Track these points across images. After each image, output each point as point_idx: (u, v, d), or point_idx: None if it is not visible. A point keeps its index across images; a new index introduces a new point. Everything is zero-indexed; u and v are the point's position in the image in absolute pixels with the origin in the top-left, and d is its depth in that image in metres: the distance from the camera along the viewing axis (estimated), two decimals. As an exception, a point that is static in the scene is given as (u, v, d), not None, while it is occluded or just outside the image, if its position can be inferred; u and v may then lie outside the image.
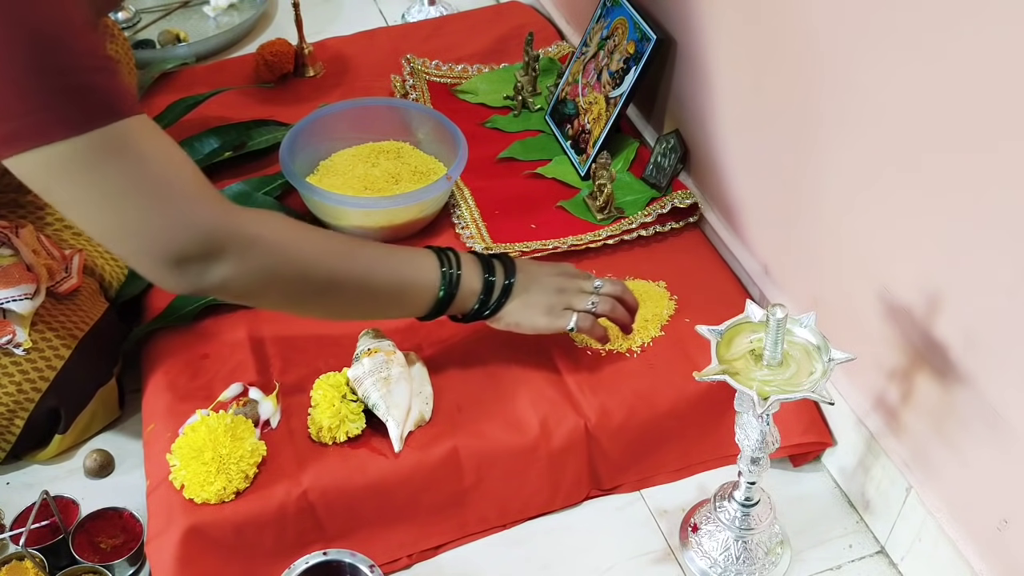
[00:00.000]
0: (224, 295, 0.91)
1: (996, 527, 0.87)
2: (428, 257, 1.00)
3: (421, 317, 1.01)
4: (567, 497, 1.05)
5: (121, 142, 0.81)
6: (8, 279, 1.04)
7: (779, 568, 0.99)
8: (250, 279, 0.89)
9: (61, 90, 0.78)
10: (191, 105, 1.41)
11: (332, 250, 0.95)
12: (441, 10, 1.74)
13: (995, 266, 0.81)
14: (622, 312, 1.06)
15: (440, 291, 0.99)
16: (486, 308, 1.02)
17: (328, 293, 0.95)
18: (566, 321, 1.03)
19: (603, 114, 1.30)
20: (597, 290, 1.05)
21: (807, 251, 1.08)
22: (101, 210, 0.83)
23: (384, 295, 0.98)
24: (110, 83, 0.82)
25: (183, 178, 0.86)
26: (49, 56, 0.77)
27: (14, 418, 1.06)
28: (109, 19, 1.37)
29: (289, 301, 0.96)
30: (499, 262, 1.03)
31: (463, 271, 1.00)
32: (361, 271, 0.96)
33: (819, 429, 1.07)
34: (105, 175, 0.81)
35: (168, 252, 0.84)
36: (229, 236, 0.86)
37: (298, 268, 0.92)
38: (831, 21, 0.94)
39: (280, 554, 0.97)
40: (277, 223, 0.92)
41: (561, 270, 1.06)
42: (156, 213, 0.83)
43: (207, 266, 0.86)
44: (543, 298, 1.03)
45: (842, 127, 0.96)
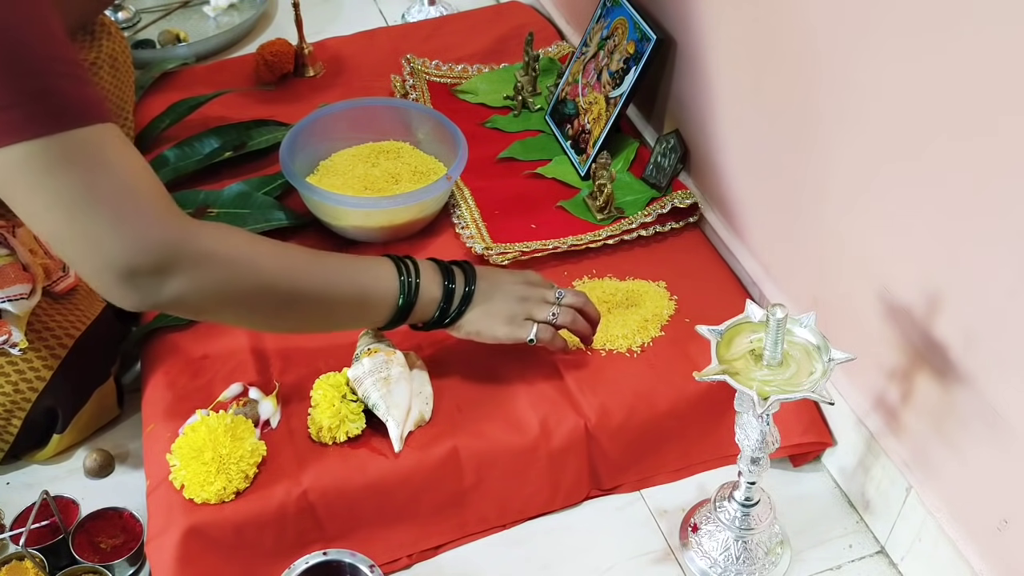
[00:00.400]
0: (179, 311, 0.89)
1: (996, 527, 0.87)
2: (386, 266, 0.99)
3: (382, 327, 1.01)
4: (567, 497, 1.05)
5: (82, 149, 0.80)
6: (4, 279, 1.04)
7: (779, 568, 0.99)
8: (205, 294, 0.87)
9: (25, 92, 0.78)
10: (193, 106, 1.41)
11: (289, 264, 0.93)
12: (441, 10, 1.74)
13: (995, 266, 0.81)
14: (583, 324, 1.05)
15: (399, 300, 0.98)
16: (446, 316, 1.01)
17: (286, 307, 0.94)
18: (526, 332, 1.02)
19: (603, 114, 1.30)
20: (559, 300, 1.05)
21: (807, 251, 1.08)
22: (56, 216, 0.81)
23: (343, 307, 0.98)
24: (77, 89, 0.81)
25: (142, 190, 0.84)
26: (14, 58, 0.77)
27: (11, 418, 1.06)
28: (107, 17, 1.37)
29: (247, 316, 0.94)
30: (459, 269, 1.02)
31: (422, 279, 0.99)
32: (319, 284, 0.95)
33: (819, 429, 1.07)
34: (63, 181, 0.80)
35: (121, 264, 0.82)
36: (183, 251, 0.84)
37: (254, 283, 0.90)
38: (830, 21, 0.94)
39: (280, 554, 0.97)
40: (233, 238, 0.90)
41: (524, 278, 1.06)
42: (111, 223, 0.81)
43: (161, 281, 0.84)
44: (504, 307, 1.02)
45: (842, 127, 0.96)
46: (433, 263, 1.02)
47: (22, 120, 0.78)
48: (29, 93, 0.78)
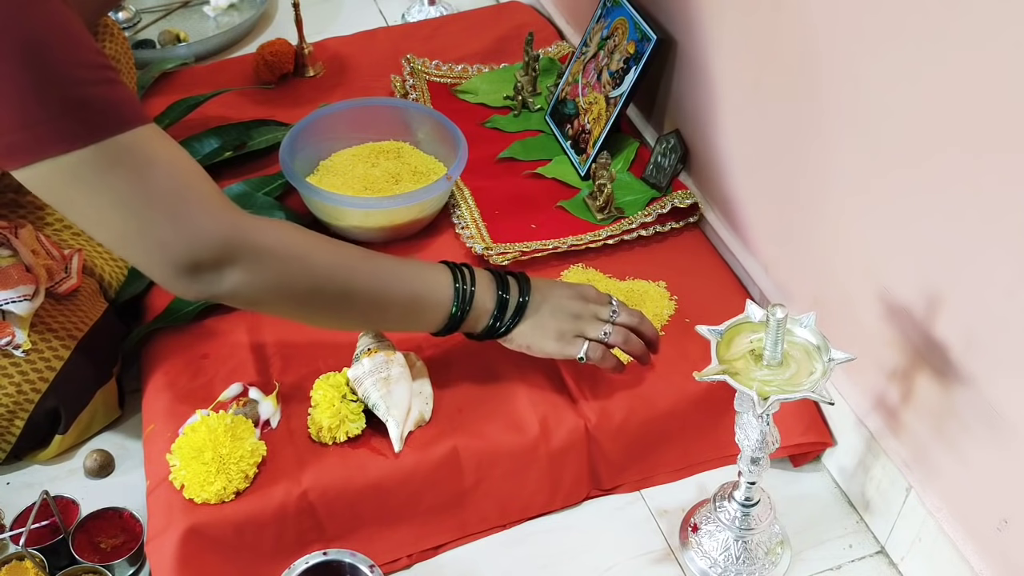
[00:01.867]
0: (235, 302, 0.92)
1: (996, 527, 0.87)
2: (442, 272, 0.99)
3: (435, 333, 1.01)
4: (567, 497, 1.06)
5: (130, 152, 0.82)
6: (7, 280, 1.04)
7: (779, 568, 0.99)
8: (261, 288, 0.89)
9: (66, 101, 0.79)
10: (192, 106, 1.41)
11: (344, 262, 0.94)
12: (441, 10, 1.74)
13: (995, 266, 0.81)
14: (636, 343, 1.03)
15: (453, 308, 0.98)
16: (499, 327, 1.00)
17: (339, 305, 0.95)
18: (577, 349, 1.01)
19: (603, 114, 1.30)
20: (612, 318, 1.02)
21: (807, 251, 1.08)
22: (111, 219, 0.84)
23: (395, 309, 0.98)
24: (115, 94, 0.82)
25: (195, 186, 0.86)
26: (51, 68, 0.78)
27: (14, 419, 1.06)
28: (109, 19, 1.37)
29: (299, 311, 0.95)
30: (514, 280, 1.01)
31: (477, 288, 0.98)
32: (373, 284, 0.95)
33: (819, 429, 1.07)
34: (114, 185, 0.82)
35: (181, 260, 0.85)
36: (242, 245, 0.87)
37: (309, 279, 0.92)
38: (831, 21, 0.94)
39: (280, 554, 0.97)
40: (290, 233, 0.92)
41: (578, 292, 1.03)
42: (169, 221, 0.84)
43: (220, 274, 0.86)
44: (555, 322, 1.01)
45: (842, 127, 0.96)
46: (488, 272, 1.01)
47: (65, 131, 0.79)
48: (68, 103, 0.79)
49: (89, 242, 1.19)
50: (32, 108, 0.78)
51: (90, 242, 1.19)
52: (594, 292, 1.05)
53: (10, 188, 1.17)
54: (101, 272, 1.18)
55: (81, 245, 1.18)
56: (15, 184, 1.17)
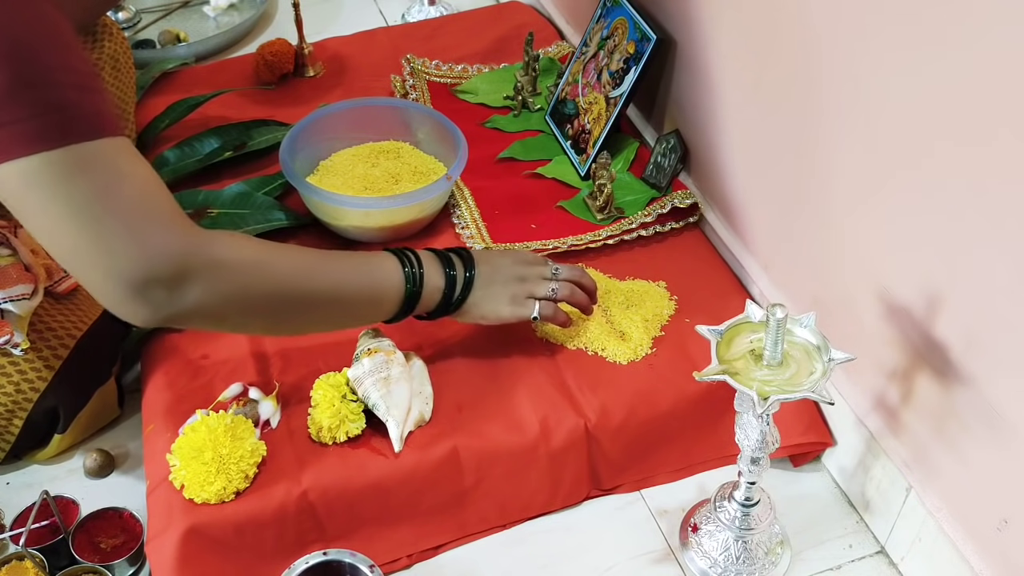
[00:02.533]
0: (191, 322, 0.89)
1: (996, 527, 0.87)
2: (389, 259, 1.00)
3: (389, 319, 1.02)
4: (567, 497, 1.06)
5: (94, 162, 0.80)
6: (6, 279, 1.04)
7: (779, 568, 0.99)
8: (219, 302, 0.87)
9: (39, 104, 0.77)
10: (192, 106, 1.41)
11: (300, 266, 0.94)
12: (441, 10, 1.74)
13: (995, 266, 0.81)
14: (581, 295, 1.08)
15: (406, 291, 0.99)
16: (450, 303, 1.02)
17: (300, 309, 0.95)
18: (529, 310, 1.05)
19: (603, 114, 1.30)
20: (555, 275, 1.07)
21: (807, 251, 1.08)
22: (66, 229, 0.81)
23: (355, 304, 0.99)
24: (89, 101, 0.81)
25: (154, 202, 0.84)
26: (26, 69, 0.77)
27: (13, 418, 1.06)
28: (109, 19, 1.37)
29: (262, 320, 0.95)
30: (456, 256, 1.04)
31: (425, 268, 1.00)
32: (331, 283, 0.96)
33: (819, 429, 1.07)
34: (74, 193, 0.79)
35: (134, 276, 0.81)
36: (196, 260, 0.84)
37: (269, 285, 0.91)
38: (830, 21, 0.94)
39: (280, 554, 0.97)
40: (243, 245, 0.91)
41: (519, 258, 1.08)
42: (123, 235, 0.81)
43: (174, 292, 0.84)
44: (505, 288, 1.04)
45: (843, 127, 0.96)
46: (431, 252, 1.03)
47: (35, 132, 0.77)
48: (43, 105, 0.78)
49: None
50: (9, 107, 0.77)
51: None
52: (531, 255, 1.10)
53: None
54: (101, 272, 1.18)
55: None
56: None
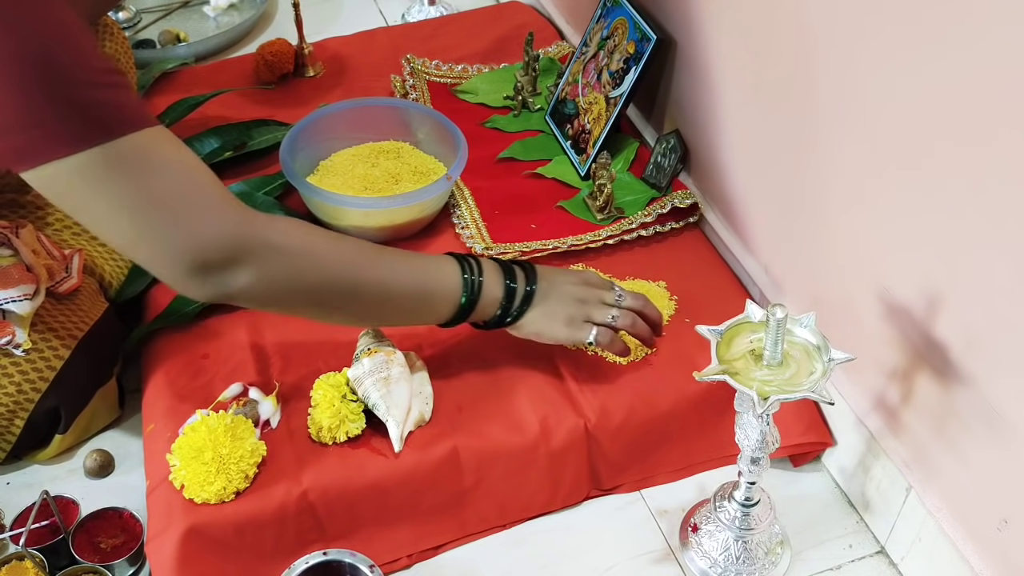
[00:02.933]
0: (247, 301, 0.91)
1: (996, 527, 0.87)
2: (450, 264, 0.99)
3: (443, 324, 1.01)
4: (567, 497, 1.06)
5: (137, 153, 0.82)
6: (8, 280, 1.04)
7: (779, 568, 0.99)
8: (272, 285, 0.89)
9: (71, 103, 0.79)
10: (192, 106, 1.41)
11: (354, 257, 0.95)
12: (441, 10, 1.74)
13: (995, 266, 0.81)
14: (643, 327, 1.04)
15: (462, 298, 0.98)
16: (508, 315, 1.01)
17: (350, 300, 0.95)
18: (586, 334, 1.02)
19: (603, 114, 1.30)
20: (618, 303, 1.04)
21: (807, 251, 1.08)
22: (119, 221, 0.84)
23: (406, 302, 0.98)
24: (122, 96, 0.83)
25: (202, 186, 0.86)
26: (60, 70, 0.78)
27: (14, 418, 1.06)
28: (109, 19, 1.37)
29: (311, 308, 0.96)
30: (520, 269, 1.02)
31: (485, 278, 0.99)
32: (383, 278, 0.96)
33: (819, 429, 1.07)
34: (121, 186, 0.82)
35: (191, 260, 0.85)
36: (251, 242, 0.87)
37: (320, 275, 0.92)
38: (830, 20, 0.94)
39: (280, 554, 0.97)
40: (300, 230, 0.92)
41: (583, 279, 1.05)
42: (177, 222, 0.84)
43: (231, 273, 0.86)
44: (563, 308, 1.02)
45: (843, 127, 0.96)
46: (495, 262, 1.02)
47: (75, 131, 0.79)
48: (79, 104, 0.79)
49: (90, 242, 1.19)
50: (40, 109, 0.78)
51: (91, 242, 1.19)
52: (597, 278, 1.06)
53: (10, 188, 1.17)
54: (101, 272, 1.18)
55: (82, 245, 1.18)
56: (15, 184, 1.17)
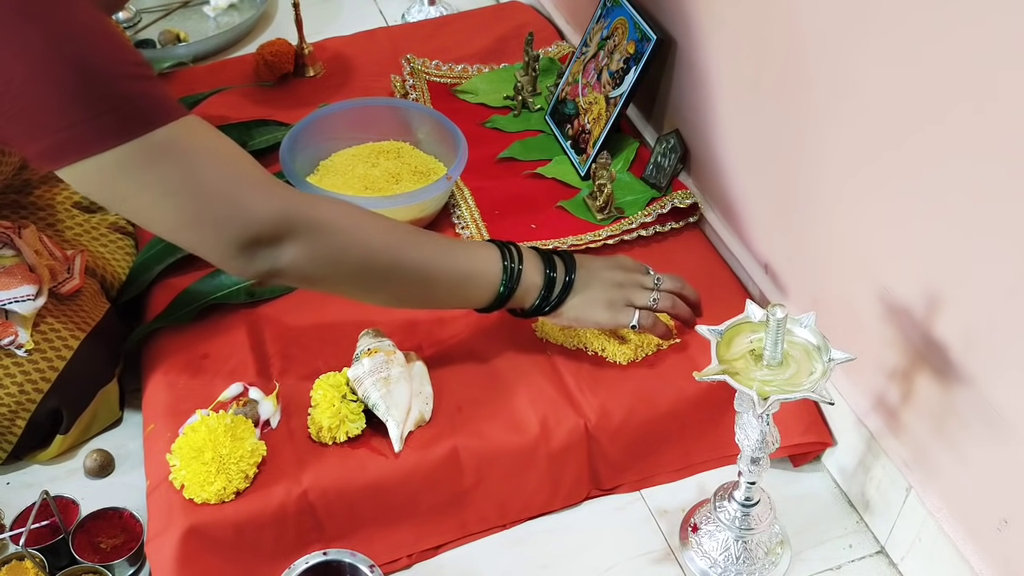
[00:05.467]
0: (292, 279, 0.93)
1: (996, 527, 0.87)
2: (490, 250, 1.01)
3: (481, 309, 1.03)
4: (567, 497, 1.06)
5: (175, 142, 0.84)
6: (11, 280, 1.04)
7: (779, 568, 0.99)
8: (317, 261, 0.91)
9: (108, 98, 0.80)
10: (192, 104, 1.42)
11: (396, 238, 0.97)
12: (441, 10, 1.74)
13: (995, 266, 0.81)
14: (683, 308, 1.06)
15: (501, 286, 1.00)
16: (547, 303, 1.02)
17: (390, 280, 0.97)
18: (628, 317, 1.03)
19: (603, 114, 1.30)
20: (657, 285, 1.05)
21: (807, 251, 1.08)
22: (164, 209, 0.86)
23: (445, 285, 1.00)
24: (154, 89, 0.84)
25: (244, 168, 0.89)
26: (93, 67, 0.80)
27: (16, 419, 1.06)
28: (109, 19, 1.37)
29: (351, 285, 0.97)
30: (559, 258, 1.03)
31: (524, 266, 1.01)
32: (423, 260, 0.97)
33: (819, 429, 1.07)
34: (163, 176, 0.84)
35: (240, 238, 0.87)
36: (298, 219, 0.89)
37: (362, 253, 0.94)
38: (830, 20, 0.94)
39: (280, 554, 0.97)
40: (342, 208, 0.94)
41: (618, 263, 1.07)
42: (223, 203, 0.86)
43: (278, 249, 0.89)
44: (603, 294, 1.03)
45: (842, 126, 0.96)
46: (535, 251, 1.03)
47: (113, 126, 0.81)
48: (111, 100, 0.81)
49: (92, 243, 1.19)
50: (79, 107, 0.79)
51: (92, 243, 1.19)
52: (631, 261, 1.08)
53: (12, 189, 1.18)
54: (103, 273, 1.18)
55: (84, 246, 1.18)
56: (17, 185, 1.18)
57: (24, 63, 0.78)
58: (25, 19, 0.78)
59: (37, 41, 0.78)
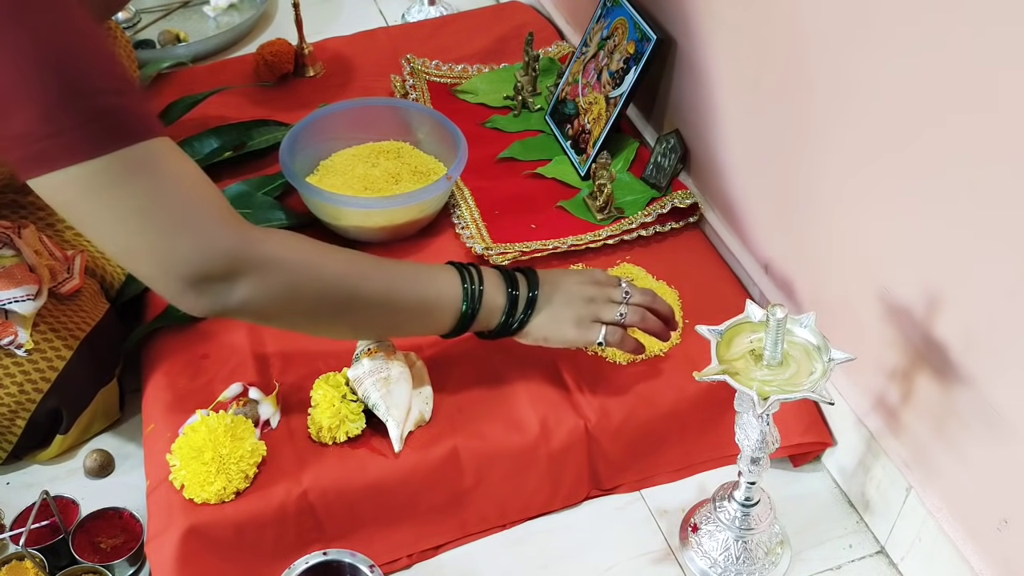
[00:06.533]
0: (245, 316, 0.91)
1: (996, 527, 0.87)
2: (450, 273, 0.98)
3: (445, 334, 1.00)
4: (567, 497, 1.06)
5: (144, 163, 0.82)
6: (11, 280, 1.04)
7: (779, 568, 0.99)
8: (271, 299, 0.89)
9: (85, 112, 0.79)
10: (191, 104, 1.41)
11: (352, 270, 0.94)
12: (441, 10, 1.74)
13: (995, 266, 0.81)
14: (654, 322, 1.02)
15: (463, 308, 0.98)
16: (512, 322, 1.00)
17: (349, 313, 0.94)
18: (595, 334, 1.00)
19: (603, 114, 1.30)
20: (626, 300, 1.02)
21: (807, 251, 1.08)
22: (120, 231, 0.83)
23: (406, 313, 0.97)
24: (133, 105, 0.82)
25: (205, 199, 0.86)
26: (74, 79, 0.78)
27: (15, 418, 1.06)
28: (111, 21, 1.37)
29: (310, 322, 0.95)
30: (522, 276, 1.01)
31: (485, 286, 0.98)
32: (382, 290, 0.95)
33: (819, 429, 1.07)
34: (126, 195, 0.81)
35: (189, 273, 0.84)
36: (249, 257, 0.86)
37: (319, 287, 0.91)
38: (829, 20, 0.94)
39: (280, 554, 0.97)
40: (297, 243, 0.92)
41: (588, 278, 1.03)
42: (177, 234, 0.83)
43: (227, 287, 0.86)
44: (570, 310, 1.00)
45: (842, 127, 0.96)
46: (497, 270, 1.01)
47: (82, 140, 0.79)
48: (89, 113, 0.79)
49: (91, 243, 1.19)
50: (56, 118, 0.78)
51: (91, 243, 1.19)
52: (603, 275, 1.05)
53: (11, 189, 1.17)
54: (103, 273, 1.18)
55: (83, 246, 1.18)
56: (16, 185, 1.17)
57: (7, 70, 0.76)
58: (15, 26, 0.76)
59: (24, 47, 0.76)
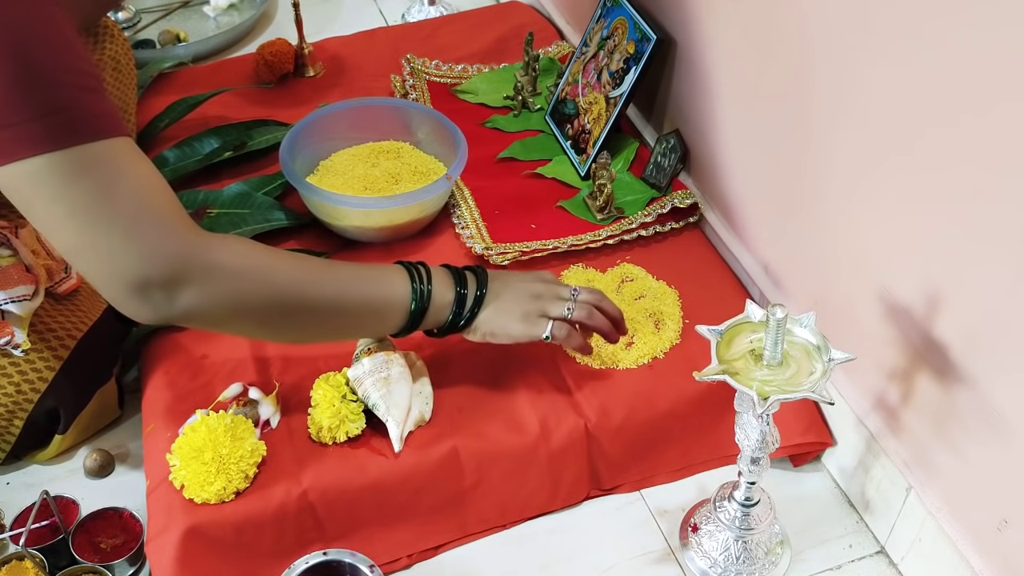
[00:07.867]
0: (191, 323, 0.90)
1: (996, 527, 0.87)
2: (398, 273, 0.99)
3: (395, 334, 1.01)
4: (567, 497, 1.06)
5: (98, 161, 0.81)
6: (7, 280, 1.04)
7: (779, 568, 0.99)
8: (216, 306, 0.88)
9: (44, 105, 0.78)
10: (192, 105, 1.41)
11: (299, 275, 0.93)
12: (441, 10, 1.74)
13: (995, 266, 0.81)
14: (600, 319, 1.03)
15: (412, 306, 0.98)
16: (460, 319, 1.00)
17: (298, 317, 0.94)
18: (541, 329, 1.00)
19: (603, 114, 1.30)
20: (574, 296, 1.03)
21: (807, 251, 1.08)
22: (72, 227, 0.82)
23: (355, 315, 0.97)
24: (94, 103, 0.81)
25: (156, 203, 0.84)
26: (34, 71, 0.77)
27: (13, 419, 1.06)
28: (109, 19, 1.37)
29: (258, 327, 0.94)
30: (471, 274, 1.01)
31: (434, 285, 0.99)
32: (330, 294, 0.94)
33: (819, 429, 1.07)
34: (77, 192, 0.80)
35: (134, 277, 0.83)
36: (194, 263, 0.85)
37: (264, 292, 0.90)
38: (829, 20, 0.94)
39: (280, 554, 0.97)
40: (243, 249, 0.90)
41: (537, 276, 1.04)
42: (125, 236, 0.82)
43: (172, 294, 0.85)
44: (517, 306, 1.01)
45: (842, 127, 0.96)
46: (446, 269, 1.01)
47: (40, 133, 0.78)
48: (48, 107, 0.78)
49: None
50: (16, 108, 0.77)
51: None
52: (551, 275, 1.06)
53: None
54: (101, 272, 1.18)
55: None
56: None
57: None
58: None
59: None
